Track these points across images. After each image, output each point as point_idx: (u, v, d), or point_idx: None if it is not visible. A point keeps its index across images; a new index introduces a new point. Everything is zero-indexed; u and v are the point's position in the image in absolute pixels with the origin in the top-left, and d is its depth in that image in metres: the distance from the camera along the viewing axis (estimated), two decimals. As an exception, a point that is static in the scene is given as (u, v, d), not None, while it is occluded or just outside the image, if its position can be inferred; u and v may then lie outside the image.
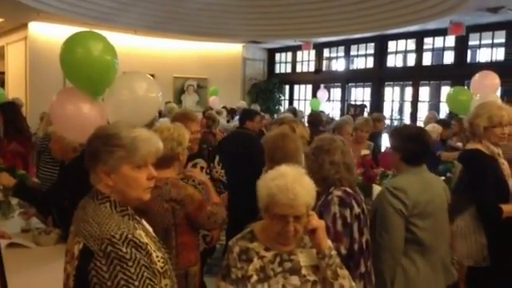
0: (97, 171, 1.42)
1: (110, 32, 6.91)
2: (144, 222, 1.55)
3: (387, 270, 2.31)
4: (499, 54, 8.51)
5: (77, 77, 2.66)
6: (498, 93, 7.50)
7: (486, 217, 2.77)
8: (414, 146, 2.42)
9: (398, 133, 2.64)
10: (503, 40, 8.32)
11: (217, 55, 12.22)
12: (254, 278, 1.65)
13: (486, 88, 4.84)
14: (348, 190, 2.14)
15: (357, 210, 2.09)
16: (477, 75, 5.05)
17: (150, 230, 1.57)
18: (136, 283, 1.30)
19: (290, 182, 1.61)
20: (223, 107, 9.62)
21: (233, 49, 12.43)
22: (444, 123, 6.05)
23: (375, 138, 5.88)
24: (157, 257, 1.43)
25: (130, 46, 10.55)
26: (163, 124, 2.89)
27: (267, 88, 12.43)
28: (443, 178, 3.84)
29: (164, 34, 10.67)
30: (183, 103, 11.99)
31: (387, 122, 10.42)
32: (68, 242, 1.44)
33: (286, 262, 1.68)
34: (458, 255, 2.85)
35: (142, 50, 10.99)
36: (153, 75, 3.61)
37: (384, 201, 2.36)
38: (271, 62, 13.33)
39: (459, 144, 5.47)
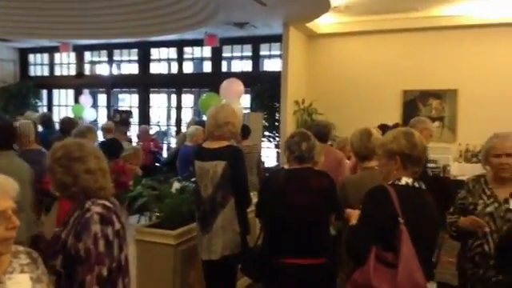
0: None
1: None
2: None
3: None
4: (248, 66, 9.59)
5: None
6: (248, 98, 8.49)
7: (245, 204, 3.11)
8: None
9: None
10: (250, 53, 9.40)
11: None
12: None
13: (232, 93, 5.36)
14: (107, 203, 1.93)
15: (117, 225, 1.93)
16: (224, 82, 5.55)
17: None
18: None
19: None
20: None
21: (-30, 46, 10.47)
22: (203, 125, 6.56)
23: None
24: None
25: None
26: None
27: (20, 92, 10.86)
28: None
29: None
30: None
31: (156, 128, 10.54)
32: None
33: None
34: (216, 251, 3.01)
35: None
36: None
37: None
38: (24, 64, 11.76)
39: None
